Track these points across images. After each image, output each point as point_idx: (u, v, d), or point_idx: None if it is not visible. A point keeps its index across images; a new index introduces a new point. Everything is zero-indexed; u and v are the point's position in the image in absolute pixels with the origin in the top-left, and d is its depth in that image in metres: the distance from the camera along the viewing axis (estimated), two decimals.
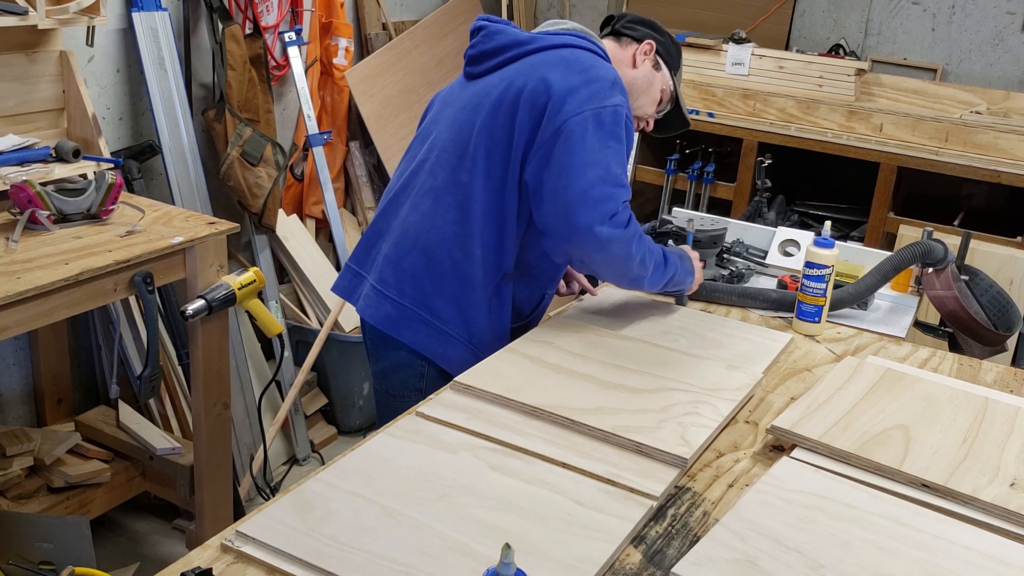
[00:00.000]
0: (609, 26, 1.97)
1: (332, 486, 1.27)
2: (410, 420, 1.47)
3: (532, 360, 1.67)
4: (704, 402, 1.57)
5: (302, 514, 1.21)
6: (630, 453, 1.41)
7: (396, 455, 1.36)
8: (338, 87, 3.53)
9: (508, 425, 1.46)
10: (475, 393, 1.55)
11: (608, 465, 1.37)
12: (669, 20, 4.27)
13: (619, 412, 1.50)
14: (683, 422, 1.49)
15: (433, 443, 1.40)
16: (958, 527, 1.27)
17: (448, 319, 1.80)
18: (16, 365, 2.70)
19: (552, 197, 1.68)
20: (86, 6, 2.35)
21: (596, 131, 1.66)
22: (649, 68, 1.92)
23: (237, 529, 1.18)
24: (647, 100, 1.94)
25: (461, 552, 1.14)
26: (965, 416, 1.55)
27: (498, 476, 1.32)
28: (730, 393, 1.61)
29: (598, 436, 1.44)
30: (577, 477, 1.34)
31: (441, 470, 1.32)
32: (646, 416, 1.49)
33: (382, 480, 1.29)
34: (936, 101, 3.84)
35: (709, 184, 3.99)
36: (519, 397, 1.52)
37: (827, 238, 1.93)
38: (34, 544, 2.28)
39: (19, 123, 2.45)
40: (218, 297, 2.25)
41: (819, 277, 1.92)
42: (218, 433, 2.45)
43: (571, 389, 1.57)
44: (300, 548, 1.14)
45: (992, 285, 2.30)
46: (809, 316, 1.96)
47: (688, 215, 2.40)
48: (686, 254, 1.99)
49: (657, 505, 1.30)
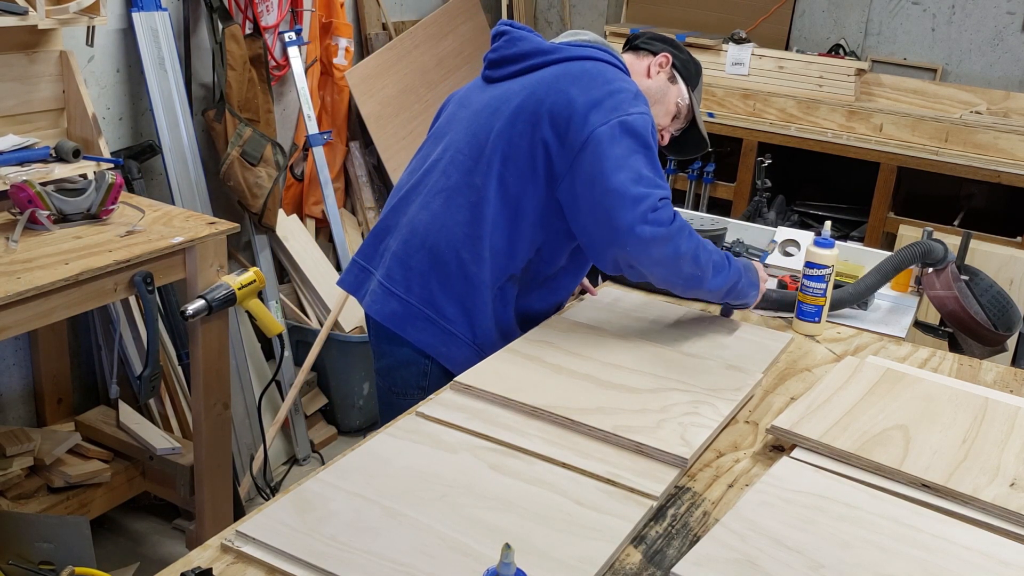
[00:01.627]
0: (629, 43, 2.01)
1: (332, 486, 1.27)
2: (410, 420, 1.47)
3: (532, 360, 1.67)
4: (704, 402, 1.57)
5: (302, 514, 1.21)
6: (630, 453, 1.41)
7: (396, 455, 1.36)
8: (338, 87, 3.53)
9: (508, 425, 1.46)
10: (475, 393, 1.55)
11: (608, 465, 1.37)
12: (669, 20, 4.29)
13: (619, 412, 1.50)
14: (683, 422, 1.49)
15: (433, 443, 1.40)
16: (958, 527, 1.28)
17: (453, 319, 1.80)
18: (16, 365, 2.70)
19: (589, 207, 1.68)
20: (86, 6, 2.35)
21: (623, 138, 1.66)
22: (664, 80, 1.94)
23: (237, 529, 1.18)
24: (661, 111, 1.94)
25: (461, 552, 1.15)
26: (965, 416, 1.55)
27: (498, 476, 1.32)
28: (729, 393, 1.61)
29: (598, 436, 1.44)
30: (577, 477, 1.34)
31: (441, 470, 1.32)
32: (646, 416, 1.49)
33: (382, 480, 1.29)
34: (936, 101, 3.84)
35: (709, 184, 3.99)
36: (519, 397, 1.52)
37: (827, 238, 1.93)
38: (34, 544, 2.28)
39: (19, 123, 2.45)
40: (218, 297, 2.25)
41: (819, 277, 1.92)
42: (218, 433, 2.45)
43: (571, 389, 1.57)
44: (300, 548, 1.14)
45: (992, 285, 2.30)
46: (809, 316, 1.95)
47: (688, 215, 2.40)
48: (752, 265, 1.93)
49: (657, 505, 1.30)
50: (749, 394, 1.65)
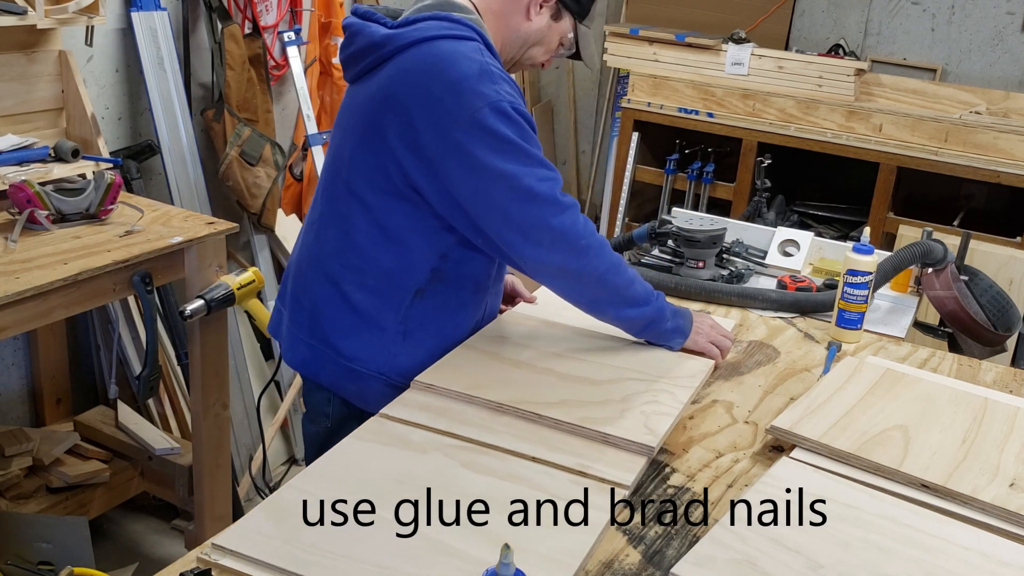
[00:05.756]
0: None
1: (306, 492, 1.24)
2: (375, 422, 1.45)
3: (490, 356, 1.66)
4: (663, 390, 1.59)
5: (279, 523, 1.18)
6: (598, 444, 1.42)
7: (366, 458, 1.34)
8: (337, 87, 3.53)
9: (474, 422, 1.46)
10: (437, 391, 1.54)
11: (578, 457, 1.38)
12: (669, 20, 4.29)
13: (582, 404, 1.50)
14: (645, 411, 1.50)
15: (402, 444, 1.38)
16: (957, 527, 1.27)
17: (354, 356, 1.63)
18: (15, 365, 2.70)
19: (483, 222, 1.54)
20: (85, 6, 2.35)
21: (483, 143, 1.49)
22: (545, 20, 1.68)
23: (213, 542, 1.14)
24: (540, 51, 1.72)
25: (445, 553, 1.14)
26: (965, 416, 1.55)
27: (471, 474, 1.31)
28: (686, 380, 1.63)
29: (565, 429, 1.45)
30: (549, 470, 1.34)
31: (413, 471, 1.31)
32: (609, 407, 1.50)
33: (356, 484, 1.27)
34: (936, 101, 3.84)
35: (708, 184, 3.99)
36: (482, 394, 1.52)
37: (866, 244, 1.91)
38: (33, 544, 2.28)
39: (18, 123, 2.45)
40: (217, 297, 2.24)
41: (862, 284, 1.91)
42: (217, 433, 2.45)
43: (533, 383, 1.57)
44: (282, 557, 1.11)
45: (992, 285, 2.30)
46: (852, 324, 1.93)
47: (688, 215, 2.39)
48: (688, 313, 1.76)
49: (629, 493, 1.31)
50: (704, 379, 1.67)
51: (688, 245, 2.18)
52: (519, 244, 1.55)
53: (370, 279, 1.61)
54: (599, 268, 1.60)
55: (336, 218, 1.63)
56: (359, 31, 1.61)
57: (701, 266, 2.18)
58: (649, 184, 4.17)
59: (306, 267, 1.69)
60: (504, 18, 1.66)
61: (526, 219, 1.52)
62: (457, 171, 1.51)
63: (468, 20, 1.58)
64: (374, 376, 1.63)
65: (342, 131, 1.65)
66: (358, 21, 1.62)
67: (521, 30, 1.67)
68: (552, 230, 1.53)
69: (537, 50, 1.72)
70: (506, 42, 1.68)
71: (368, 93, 1.58)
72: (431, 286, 1.63)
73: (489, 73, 1.51)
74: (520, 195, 1.51)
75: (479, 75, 1.50)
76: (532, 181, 1.51)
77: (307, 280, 1.68)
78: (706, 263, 2.19)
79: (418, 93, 1.51)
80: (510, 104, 1.51)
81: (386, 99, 1.54)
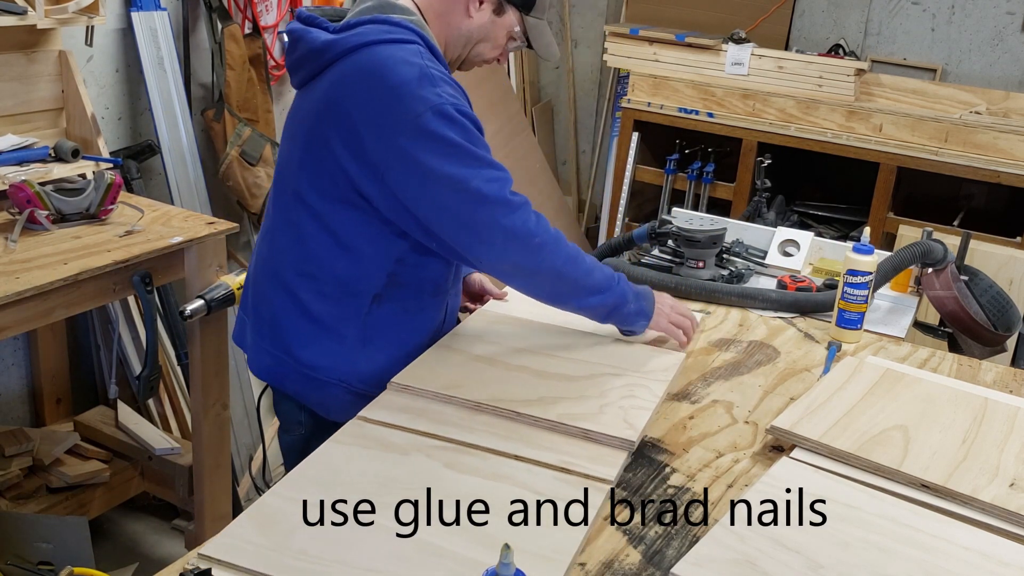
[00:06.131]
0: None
1: (291, 499, 1.23)
2: (354, 425, 1.44)
3: (465, 355, 1.66)
4: (638, 384, 1.60)
5: (266, 530, 1.16)
6: (578, 440, 1.42)
7: (348, 462, 1.33)
8: None
9: (454, 422, 1.45)
10: (414, 392, 1.53)
11: (559, 454, 1.38)
12: (669, 20, 4.29)
13: (560, 401, 1.51)
14: (623, 406, 1.51)
15: (383, 446, 1.38)
16: (957, 527, 1.27)
17: (315, 364, 1.62)
18: (15, 365, 2.70)
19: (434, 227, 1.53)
20: (85, 6, 2.35)
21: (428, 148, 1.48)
22: (487, 15, 1.65)
23: (200, 552, 1.12)
24: (487, 47, 1.69)
25: (436, 554, 1.14)
26: (965, 416, 1.55)
27: (455, 474, 1.31)
28: (660, 374, 1.65)
29: (544, 426, 1.45)
30: (532, 468, 1.34)
31: (397, 473, 1.31)
32: (587, 403, 1.51)
33: (340, 488, 1.25)
34: (936, 101, 3.84)
35: (708, 184, 3.99)
36: (460, 393, 1.51)
37: (866, 244, 1.91)
38: (33, 544, 2.28)
39: (18, 123, 2.45)
40: (217, 297, 2.24)
41: (862, 284, 1.91)
42: (217, 433, 2.45)
43: (509, 381, 1.57)
44: (272, 566, 1.10)
45: (992, 285, 2.30)
46: (852, 324, 1.93)
47: (688, 215, 2.39)
48: (649, 293, 1.76)
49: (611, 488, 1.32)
50: (678, 372, 1.69)
51: (688, 245, 2.18)
52: (473, 246, 1.55)
53: (326, 287, 1.60)
54: (555, 263, 1.60)
55: (288, 227, 1.62)
56: (300, 37, 1.58)
57: (701, 266, 2.18)
58: (649, 184, 4.17)
59: (263, 277, 1.68)
60: (445, 17, 1.64)
61: (477, 221, 1.52)
62: (404, 177, 1.50)
63: (408, 22, 1.55)
64: (335, 384, 1.63)
65: (290, 139, 1.63)
66: (300, 27, 1.60)
67: (463, 28, 1.65)
68: (504, 230, 1.53)
69: (484, 46, 1.69)
70: (449, 41, 1.67)
71: (312, 99, 1.57)
72: (388, 291, 1.62)
73: (430, 76, 1.49)
74: (469, 197, 1.50)
75: (419, 79, 1.48)
76: (480, 183, 1.50)
77: (264, 290, 1.67)
78: (706, 263, 2.19)
79: (360, 100, 1.50)
80: (453, 106, 1.49)
81: (329, 107, 1.53)
